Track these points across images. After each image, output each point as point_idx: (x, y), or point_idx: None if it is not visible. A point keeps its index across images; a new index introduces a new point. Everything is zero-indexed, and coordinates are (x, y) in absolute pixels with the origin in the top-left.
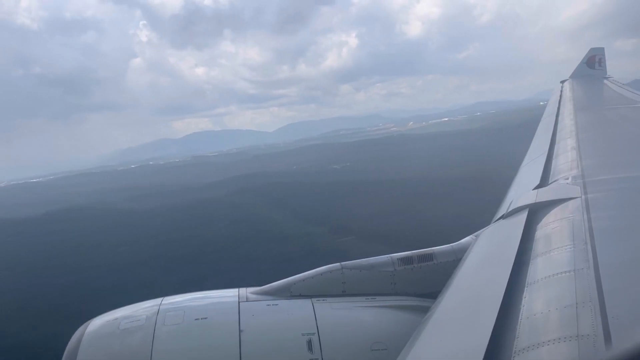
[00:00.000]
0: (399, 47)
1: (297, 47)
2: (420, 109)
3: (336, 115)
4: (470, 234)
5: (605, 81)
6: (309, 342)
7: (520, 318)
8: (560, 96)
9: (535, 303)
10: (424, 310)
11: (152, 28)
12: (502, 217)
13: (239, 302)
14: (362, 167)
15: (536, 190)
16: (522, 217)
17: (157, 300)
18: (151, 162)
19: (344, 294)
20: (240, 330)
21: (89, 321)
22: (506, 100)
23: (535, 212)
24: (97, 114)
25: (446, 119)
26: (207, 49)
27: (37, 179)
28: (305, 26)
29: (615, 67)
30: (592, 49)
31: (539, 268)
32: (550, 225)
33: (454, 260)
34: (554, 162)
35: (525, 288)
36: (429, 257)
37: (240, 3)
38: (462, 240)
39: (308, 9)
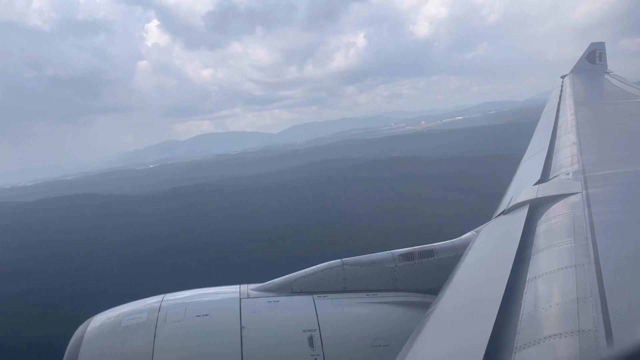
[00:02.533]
0: (405, 48)
1: (307, 47)
2: (422, 110)
3: (339, 117)
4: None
5: (606, 76)
6: (310, 339)
7: (521, 313)
8: (561, 91)
9: (536, 298)
10: (425, 306)
11: (165, 29)
12: (503, 212)
13: (240, 299)
14: (425, 154)
15: (537, 185)
16: (523, 212)
17: (159, 297)
18: (169, 162)
19: (345, 290)
20: (241, 327)
21: (90, 318)
22: (510, 100)
23: (536, 208)
24: (103, 116)
25: (460, 117)
26: (219, 49)
27: (69, 177)
28: (333, 24)
29: (621, 66)
30: (592, 44)
31: (539, 264)
32: (551, 220)
33: (455, 256)
34: (554, 157)
35: (526, 284)
36: (429, 253)
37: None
38: (463, 236)
39: (337, 7)
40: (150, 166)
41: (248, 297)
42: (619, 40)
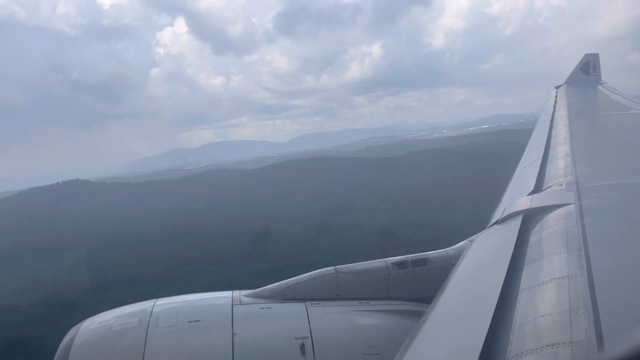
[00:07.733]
0: (418, 59)
1: (327, 55)
2: (426, 123)
3: (342, 128)
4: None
5: (600, 87)
6: (302, 346)
7: (513, 324)
8: (555, 102)
9: (529, 309)
10: (418, 315)
11: (194, 35)
12: (497, 222)
13: (232, 305)
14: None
15: (530, 196)
16: (517, 222)
17: (151, 302)
18: (196, 166)
19: (337, 297)
20: (233, 334)
21: (81, 322)
22: (517, 114)
23: (530, 218)
24: (116, 123)
25: (486, 125)
26: (247, 55)
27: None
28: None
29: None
30: (586, 55)
31: (532, 274)
32: (545, 231)
33: (448, 265)
34: (548, 168)
35: (519, 294)
36: (423, 261)
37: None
38: (457, 245)
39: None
40: (188, 167)
41: (240, 304)
42: (628, 54)
